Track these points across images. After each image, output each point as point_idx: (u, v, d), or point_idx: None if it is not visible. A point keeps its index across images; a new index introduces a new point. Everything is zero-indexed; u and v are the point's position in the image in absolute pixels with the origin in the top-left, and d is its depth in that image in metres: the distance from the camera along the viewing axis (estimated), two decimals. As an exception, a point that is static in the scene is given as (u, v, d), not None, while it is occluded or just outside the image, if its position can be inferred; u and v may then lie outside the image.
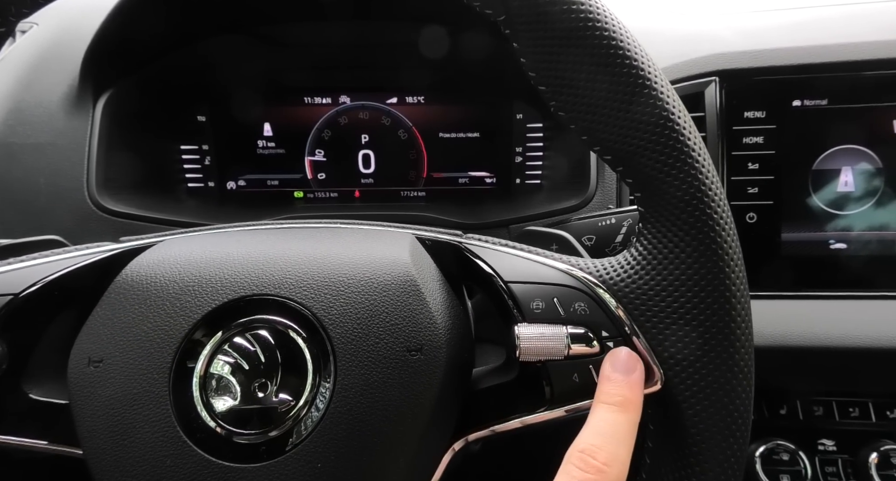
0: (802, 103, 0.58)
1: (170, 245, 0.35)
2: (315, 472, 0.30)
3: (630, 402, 0.29)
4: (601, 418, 0.29)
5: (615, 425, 0.28)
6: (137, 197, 0.64)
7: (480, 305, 0.41)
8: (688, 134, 0.32)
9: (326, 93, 0.72)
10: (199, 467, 0.29)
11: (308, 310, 0.32)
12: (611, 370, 0.31)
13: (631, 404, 0.29)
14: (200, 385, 0.31)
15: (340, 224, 0.40)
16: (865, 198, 0.58)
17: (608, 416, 0.29)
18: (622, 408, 0.29)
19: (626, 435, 0.28)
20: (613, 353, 0.31)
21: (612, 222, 0.44)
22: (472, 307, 0.44)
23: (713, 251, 0.31)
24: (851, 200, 0.58)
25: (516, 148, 0.75)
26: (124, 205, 0.60)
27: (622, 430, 0.28)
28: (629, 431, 0.28)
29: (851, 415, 0.60)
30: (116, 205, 0.59)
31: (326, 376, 0.31)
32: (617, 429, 0.28)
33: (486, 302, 0.39)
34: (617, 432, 0.28)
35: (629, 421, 0.29)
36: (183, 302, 0.32)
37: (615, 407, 0.29)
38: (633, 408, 0.29)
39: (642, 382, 0.30)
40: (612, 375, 0.30)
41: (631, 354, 0.31)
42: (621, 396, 0.29)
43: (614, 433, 0.28)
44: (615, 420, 0.29)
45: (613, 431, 0.28)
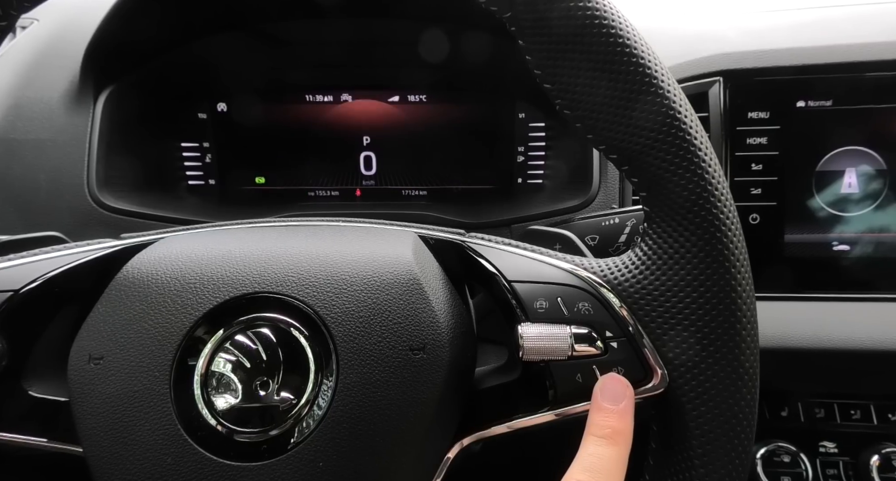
0: (807, 104, 0.58)
1: (171, 242, 0.35)
2: (317, 471, 0.29)
3: (619, 433, 0.29)
4: (590, 452, 0.29)
5: (603, 460, 0.28)
6: (138, 194, 0.63)
7: (483, 305, 0.41)
8: (694, 133, 0.31)
9: (328, 91, 0.72)
10: (200, 466, 0.29)
11: (310, 308, 0.32)
12: (601, 399, 0.31)
13: (620, 435, 0.29)
14: (202, 383, 0.30)
15: (342, 222, 0.40)
16: (869, 200, 0.58)
17: (597, 450, 0.29)
18: (611, 441, 0.29)
19: (615, 468, 0.28)
20: (603, 381, 0.31)
21: (616, 222, 0.44)
22: (475, 306, 0.44)
23: (719, 252, 0.30)
24: (855, 202, 0.58)
25: (518, 147, 0.74)
26: (125, 203, 0.60)
27: (611, 465, 0.28)
28: (618, 465, 0.28)
29: (853, 418, 0.60)
30: (117, 203, 0.59)
31: (328, 375, 0.31)
32: (605, 464, 0.28)
33: (488, 301, 0.39)
34: (605, 467, 0.28)
35: (618, 455, 0.29)
36: (184, 299, 0.31)
37: (604, 441, 0.29)
38: (623, 440, 0.29)
39: (632, 410, 0.30)
40: (603, 405, 0.30)
41: (620, 381, 0.31)
42: (611, 428, 0.29)
43: (602, 468, 0.28)
44: (604, 454, 0.29)
45: (601, 466, 0.28)
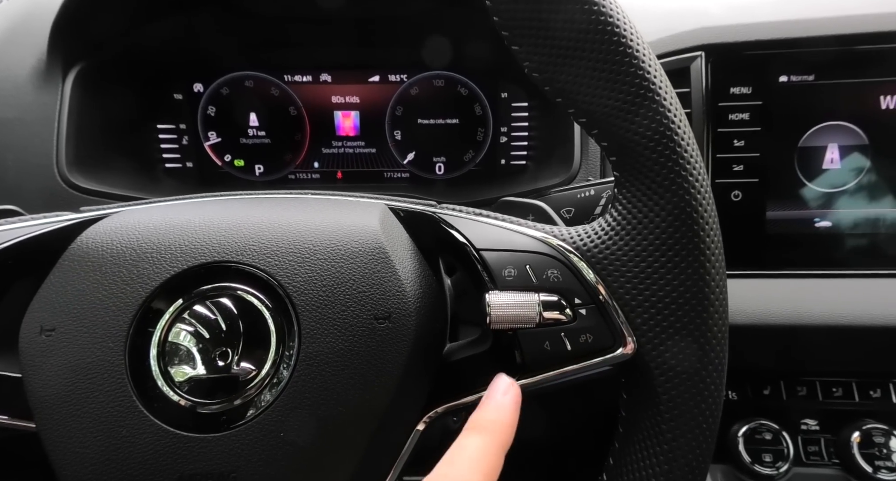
0: (789, 79, 0.57)
1: (129, 213, 0.34)
2: (277, 442, 0.29)
3: (493, 423, 0.28)
4: (458, 445, 0.28)
5: (468, 450, 0.27)
6: (112, 175, 0.62)
7: (461, 283, 0.40)
8: (664, 94, 0.31)
9: (306, 71, 0.71)
10: (157, 437, 0.28)
11: (271, 277, 0.31)
12: (485, 397, 0.30)
13: (494, 425, 0.28)
14: (158, 354, 0.30)
15: (311, 194, 0.39)
16: (851, 176, 0.58)
17: (464, 442, 0.28)
18: (484, 432, 0.28)
19: (482, 456, 0.27)
20: (493, 381, 0.31)
21: (592, 194, 0.43)
22: (453, 284, 0.44)
23: (688, 215, 0.30)
24: (837, 178, 0.58)
25: (501, 128, 0.73)
26: (97, 184, 0.59)
27: (478, 453, 0.27)
28: (487, 452, 0.27)
29: (835, 395, 0.60)
30: (88, 184, 0.58)
31: (290, 344, 0.30)
32: (470, 454, 0.27)
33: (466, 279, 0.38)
34: (470, 456, 0.27)
35: (488, 444, 0.27)
36: (140, 269, 0.30)
37: (473, 432, 0.28)
38: (497, 430, 0.28)
39: (514, 405, 0.30)
40: (485, 402, 0.30)
41: (507, 380, 0.30)
42: (486, 420, 0.29)
43: (466, 457, 0.27)
44: (469, 444, 0.28)
45: (465, 456, 0.27)
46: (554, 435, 0.52)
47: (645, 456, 0.30)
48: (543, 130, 0.72)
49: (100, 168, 0.61)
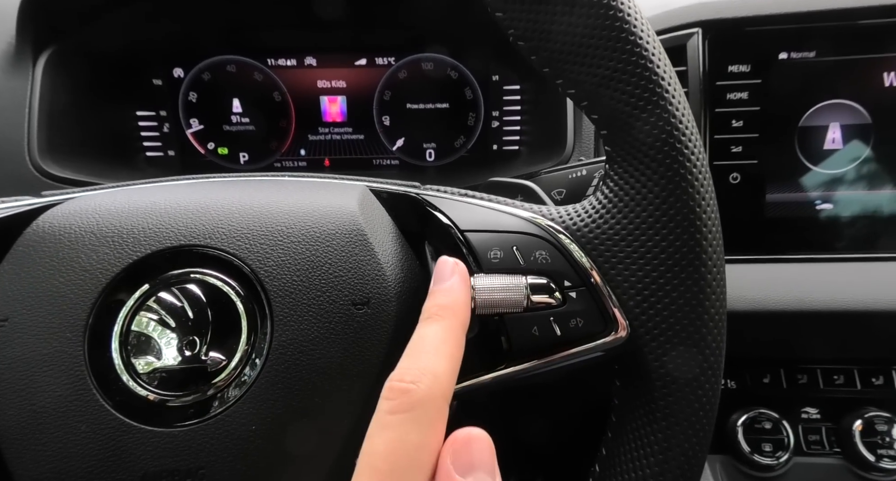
0: (789, 56, 0.55)
1: (90, 197, 0.32)
2: (248, 435, 0.27)
3: (445, 308, 0.26)
4: (415, 337, 0.26)
5: (426, 338, 0.25)
6: (89, 164, 0.60)
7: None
8: (657, 61, 0.29)
9: (291, 54, 0.69)
10: (119, 432, 0.26)
11: (241, 261, 0.29)
12: (431, 285, 0.28)
13: (446, 310, 0.26)
14: (121, 344, 0.28)
15: (288, 176, 0.37)
16: (853, 156, 0.56)
17: (421, 332, 0.26)
18: (437, 318, 0.26)
19: (441, 342, 0.25)
20: (435, 267, 0.28)
21: (584, 174, 0.41)
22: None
23: (683, 189, 0.28)
24: (839, 158, 0.56)
25: (492, 112, 0.71)
26: (73, 172, 0.57)
27: (436, 339, 0.25)
28: (445, 337, 0.25)
29: (836, 383, 0.58)
30: (63, 172, 0.56)
31: (262, 332, 0.28)
32: (429, 342, 0.25)
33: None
34: (429, 344, 0.25)
35: (445, 328, 0.25)
36: (100, 254, 0.29)
37: (429, 320, 0.26)
38: (451, 313, 0.26)
39: (463, 285, 0.27)
40: (433, 289, 0.28)
41: (451, 261, 0.28)
42: (437, 306, 0.26)
43: (424, 347, 0.25)
44: (427, 333, 0.25)
45: (424, 345, 0.25)
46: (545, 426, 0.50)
47: (638, 446, 0.28)
48: (536, 114, 0.70)
49: (75, 156, 0.59)
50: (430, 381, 0.23)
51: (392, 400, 0.22)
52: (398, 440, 0.21)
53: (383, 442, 0.21)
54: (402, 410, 0.22)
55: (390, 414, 0.22)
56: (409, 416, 0.22)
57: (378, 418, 0.22)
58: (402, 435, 0.21)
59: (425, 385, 0.22)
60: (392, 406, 0.22)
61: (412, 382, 0.22)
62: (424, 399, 0.22)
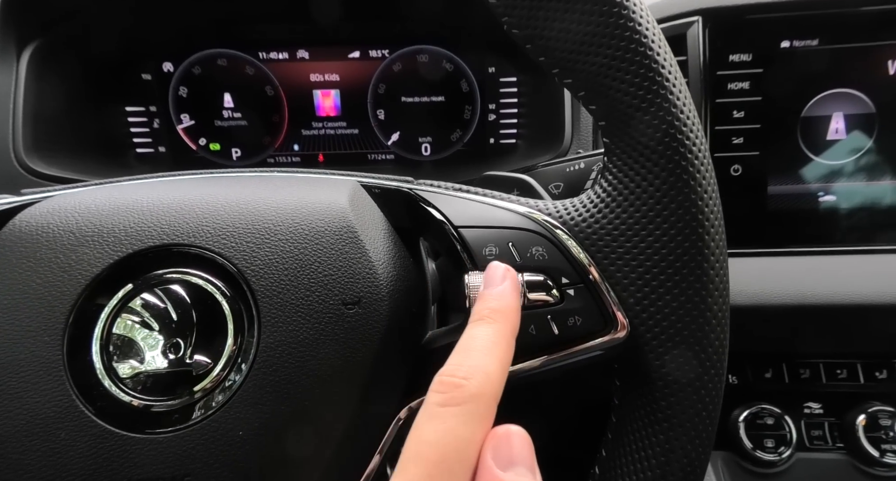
0: (792, 44, 0.54)
1: (70, 195, 0.31)
2: (236, 441, 0.26)
3: (497, 311, 0.26)
4: (466, 336, 0.26)
5: (478, 338, 0.25)
6: (77, 161, 0.59)
7: (447, 266, 0.38)
8: (658, 50, 0.27)
9: (283, 47, 0.67)
10: (100, 439, 0.25)
11: (227, 260, 0.28)
12: (484, 287, 0.28)
13: (498, 313, 0.26)
14: (101, 347, 0.27)
15: (277, 172, 0.36)
16: (857, 147, 0.55)
17: (471, 332, 0.26)
18: (489, 320, 0.26)
19: (493, 344, 0.25)
20: (486, 272, 0.28)
21: (582, 167, 0.40)
22: (439, 268, 0.41)
23: (685, 182, 0.27)
24: (842, 149, 0.55)
25: (489, 105, 0.70)
26: (60, 169, 0.55)
27: (488, 340, 0.25)
28: (497, 340, 0.25)
29: (839, 377, 0.57)
30: (50, 169, 0.54)
31: (249, 334, 0.27)
32: (479, 342, 0.25)
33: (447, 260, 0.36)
34: (480, 344, 0.25)
35: (497, 331, 0.25)
36: (80, 254, 0.27)
37: (481, 322, 0.26)
38: (502, 317, 0.26)
39: (515, 291, 0.27)
40: (482, 293, 0.27)
41: (502, 266, 0.28)
42: (488, 309, 0.26)
43: (476, 346, 0.25)
44: (479, 333, 0.25)
45: (476, 344, 0.25)
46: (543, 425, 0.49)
47: (639, 448, 0.27)
48: (533, 107, 0.68)
49: (63, 153, 0.57)
50: (482, 379, 0.23)
51: (443, 393, 0.22)
52: (448, 432, 0.21)
53: (433, 432, 0.21)
54: (453, 403, 0.22)
55: (441, 406, 0.22)
56: (460, 410, 0.22)
57: (427, 409, 0.22)
58: (453, 427, 0.21)
59: (478, 382, 0.23)
60: (443, 398, 0.22)
61: (464, 378, 0.23)
62: (476, 395, 0.22)
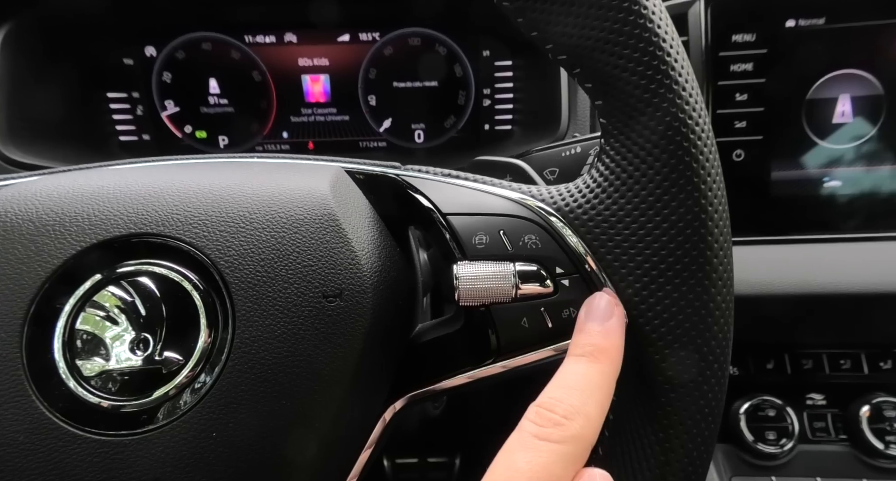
0: (797, 23, 0.52)
1: (32, 182, 0.29)
2: (209, 443, 0.24)
3: (603, 351, 0.25)
4: (567, 371, 0.25)
5: (580, 376, 0.24)
6: (57, 150, 0.57)
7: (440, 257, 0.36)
8: (658, 21, 0.26)
9: (270, 31, 0.65)
10: (63, 442, 0.24)
11: (199, 251, 0.26)
12: (585, 319, 0.26)
13: (604, 353, 0.25)
14: (64, 345, 0.25)
15: (257, 158, 0.34)
16: (864, 130, 0.53)
17: (574, 368, 0.25)
18: (593, 359, 0.25)
19: (596, 386, 0.24)
20: (590, 300, 0.27)
21: (578, 151, 0.38)
22: (431, 257, 0.39)
23: (687, 165, 0.25)
24: (849, 132, 0.53)
25: (483, 90, 0.68)
26: (38, 158, 0.53)
27: (591, 382, 0.24)
28: (601, 383, 0.24)
29: (842, 368, 0.56)
30: (28, 158, 0.52)
31: (223, 329, 0.26)
32: (584, 381, 0.24)
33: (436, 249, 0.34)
34: (584, 384, 0.24)
35: (601, 373, 0.24)
36: (39, 245, 0.26)
37: (584, 358, 0.25)
38: (607, 358, 0.25)
39: (621, 329, 0.26)
40: (586, 325, 0.26)
41: (607, 298, 0.26)
42: (592, 346, 0.25)
43: (579, 384, 0.24)
44: (581, 371, 0.24)
45: (578, 382, 0.24)
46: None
47: (637, 447, 0.26)
48: (529, 91, 0.66)
49: (42, 141, 0.55)
50: (583, 422, 0.22)
51: (542, 426, 0.22)
52: (543, 467, 0.21)
53: (527, 463, 0.21)
54: (552, 440, 0.22)
55: (539, 439, 0.22)
56: (558, 448, 0.22)
57: (523, 438, 0.22)
58: (548, 464, 0.21)
59: (579, 424, 0.22)
60: (543, 433, 0.22)
61: (565, 417, 0.22)
62: (577, 437, 0.22)
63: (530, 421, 0.23)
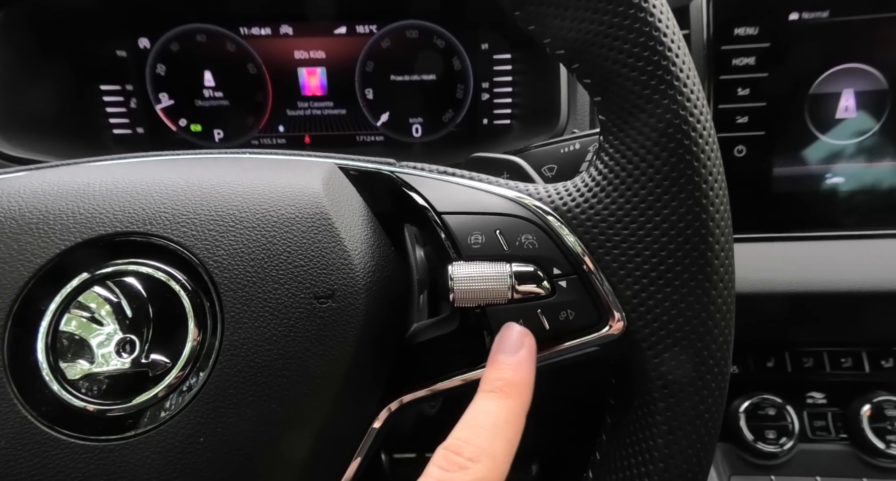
0: (800, 16, 0.51)
1: (15, 178, 0.28)
2: (197, 448, 0.24)
3: (511, 385, 0.25)
4: (476, 408, 0.25)
5: (489, 414, 0.24)
6: (49, 143, 0.56)
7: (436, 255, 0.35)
8: (658, 15, 0.25)
9: (265, 23, 0.64)
10: (45, 447, 0.23)
11: (187, 250, 0.26)
12: (495, 351, 0.26)
13: (512, 387, 0.25)
14: (47, 347, 0.24)
15: (249, 154, 0.33)
16: (868, 125, 0.52)
17: (483, 405, 0.25)
18: (502, 394, 0.25)
19: (502, 424, 0.24)
20: (501, 331, 0.27)
21: (577, 148, 0.38)
22: (426, 256, 0.39)
23: (688, 163, 0.24)
24: (852, 128, 0.52)
25: (482, 84, 0.67)
26: (30, 152, 0.53)
27: (499, 419, 0.24)
28: (508, 419, 0.24)
29: (843, 366, 0.56)
30: (18, 152, 0.52)
31: (212, 331, 0.25)
32: (491, 419, 0.24)
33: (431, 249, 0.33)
34: (491, 422, 0.24)
35: (509, 409, 0.24)
36: (22, 243, 0.25)
37: (493, 394, 0.25)
38: (517, 392, 0.25)
39: (531, 360, 0.26)
40: (497, 358, 0.26)
41: (517, 330, 0.26)
42: (502, 380, 0.25)
43: (487, 423, 0.24)
44: (490, 408, 0.24)
45: (486, 421, 0.24)
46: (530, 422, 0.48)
47: (636, 452, 0.25)
48: (528, 85, 0.65)
49: (33, 135, 0.55)
50: (489, 464, 0.22)
51: (447, 470, 0.22)
52: None
53: None
54: None
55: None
56: None
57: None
58: None
59: (484, 467, 0.22)
60: (447, 477, 0.22)
61: (470, 460, 0.22)
62: (482, 480, 0.22)
63: (436, 466, 0.22)
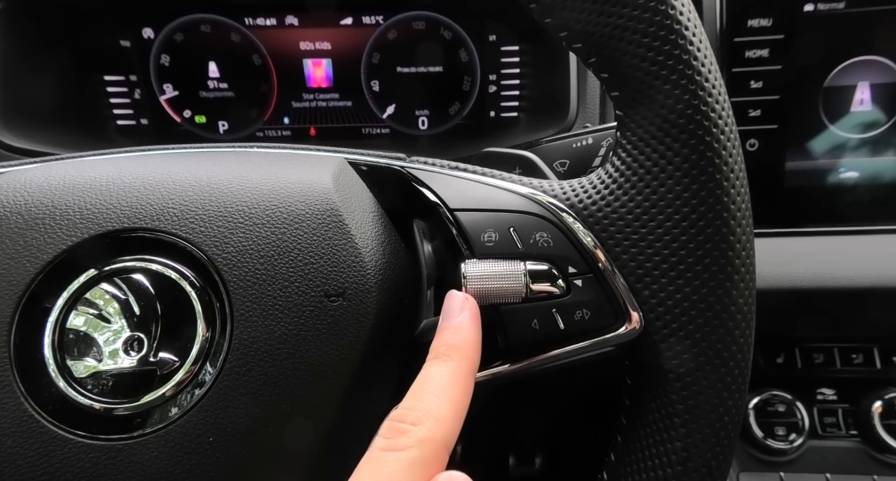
0: (815, 7, 0.50)
1: (21, 172, 0.28)
2: (205, 448, 0.24)
3: (454, 348, 0.25)
4: (421, 377, 0.24)
5: (430, 379, 0.24)
6: (53, 134, 0.55)
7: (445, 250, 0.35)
8: (680, 7, 0.24)
9: (270, 13, 0.63)
10: (52, 446, 0.23)
11: (196, 247, 0.25)
12: (440, 322, 0.26)
13: (455, 350, 0.25)
14: (54, 344, 0.24)
15: (257, 148, 0.33)
16: (883, 118, 0.51)
17: (426, 372, 0.24)
18: (445, 358, 0.25)
19: (448, 384, 0.24)
20: (444, 302, 0.26)
21: (590, 142, 0.37)
22: (434, 250, 0.38)
23: (709, 160, 0.24)
24: (867, 121, 0.51)
25: (489, 76, 0.66)
26: (33, 143, 0.52)
27: (441, 382, 0.24)
28: (453, 379, 0.24)
29: (854, 362, 0.55)
30: (22, 143, 0.51)
31: (221, 329, 0.25)
32: (433, 383, 0.24)
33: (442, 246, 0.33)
34: (434, 386, 0.23)
35: (451, 370, 0.24)
36: (28, 239, 0.25)
37: (436, 360, 0.25)
38: (459, 354, 0.25)
39: (473, 321, 0.25)
40: (442, 326, 0.26)
41: (460, 296, 0.26)
42: (445, 345, 0.25)
43: (430, 388, 0.23)
44: (431, 373, 0.24)
45: (429, 386, 0.24)
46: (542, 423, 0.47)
47: (653, 454, 0.25)
48: (537, 77, 0.64)
49: (36, 125, 0.54)
50: (431, 425, 0.22)
51: (388, 438, 0.22)
52: (387, 477, 0.20)
53: (371, 478, 0.20)
54: (396, 449, 0.21)
55: (384, 451, 0.21)
56: (402, 456, 0.21)
57: (370, 454, 0.21)
58: (393, 473, 0.20)
59: (426, 428, 0.22)
60: (387, 444, 0.21)
61: (413, 423, 0.22)
62: (423, 441, 0.21)
63: (380, 435, 0.22)
